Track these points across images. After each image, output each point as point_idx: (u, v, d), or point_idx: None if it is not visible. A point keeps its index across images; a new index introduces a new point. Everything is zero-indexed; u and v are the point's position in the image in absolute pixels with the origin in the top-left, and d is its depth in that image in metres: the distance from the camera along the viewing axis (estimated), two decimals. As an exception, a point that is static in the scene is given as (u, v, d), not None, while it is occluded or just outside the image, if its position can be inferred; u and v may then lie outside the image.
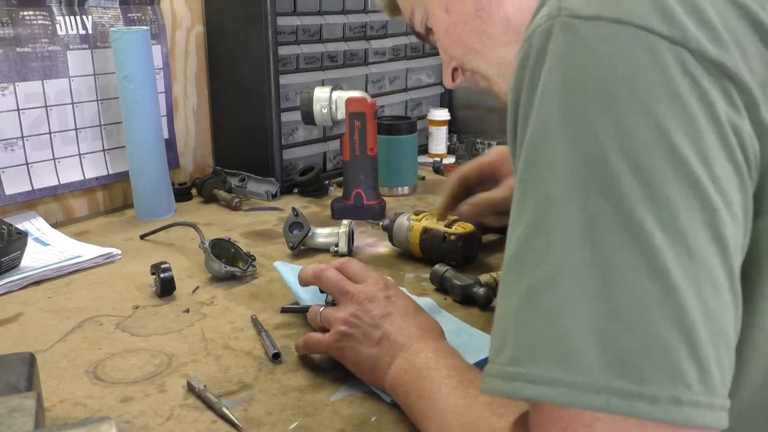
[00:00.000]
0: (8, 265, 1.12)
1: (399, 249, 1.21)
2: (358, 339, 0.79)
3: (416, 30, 0.86)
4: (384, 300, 0.81)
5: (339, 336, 0.81)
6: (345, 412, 0.77)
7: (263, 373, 0.85)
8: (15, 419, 0.56)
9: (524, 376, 0.46)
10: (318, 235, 1.23)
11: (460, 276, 1.04)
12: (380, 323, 0.79)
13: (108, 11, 1.46)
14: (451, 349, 0.76)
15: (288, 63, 1.55)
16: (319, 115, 1.39)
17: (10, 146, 1.33)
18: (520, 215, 0.49)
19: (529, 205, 0.48)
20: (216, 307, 1.03)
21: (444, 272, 1.05)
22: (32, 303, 1.05)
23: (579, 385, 0.44)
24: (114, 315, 1.01)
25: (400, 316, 0.80)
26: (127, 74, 1.36)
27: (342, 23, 1.65)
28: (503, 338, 0.49)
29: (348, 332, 0.80)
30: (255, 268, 1.13)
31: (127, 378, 0.84)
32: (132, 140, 1.40)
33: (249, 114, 1.57)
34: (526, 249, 0.48)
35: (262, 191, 1.53)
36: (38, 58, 1.35)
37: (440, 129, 1.84)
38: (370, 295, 0.82)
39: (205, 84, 1.66)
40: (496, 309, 0.52)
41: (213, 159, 1.70)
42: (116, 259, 1.21)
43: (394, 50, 1.80)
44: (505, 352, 0.48)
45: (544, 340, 0.46)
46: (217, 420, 0.75)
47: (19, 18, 1.32)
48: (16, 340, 0.94)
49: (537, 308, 0.46)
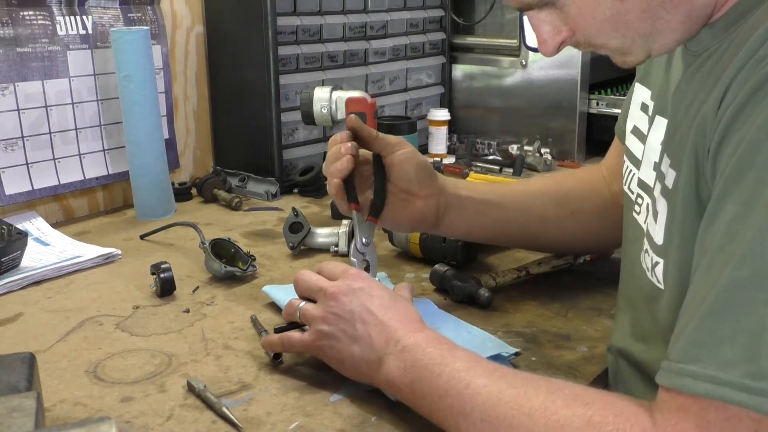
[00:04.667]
0: (8, 265, 1.12)
1: (399, 249, 1.21)
2: (337, 337, 0.79)
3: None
4: (359, 292, 0.80)
5: (318, 335, 0.80)
6: (345, 412, 0.77)
7: (263, 373, 0.85)
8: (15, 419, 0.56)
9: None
10: (318, 235, 1.23)
11: (460, 276, 1.04)
12: (357, 317, 0.78)
13: (108, 11, 1.46)
14: (440, 336, 0.76)
15: (288, 63, 1.55)
16: (319, 115, 1.39)
17: (10, 146, 1.33)
18: (743, 218, 0.53)
19: None
20: (216, 307, 1.03)
21: (444, 272, 1.05)
22: (32, 303, 1.05)
23: None
24: (114, 315, 1.01)
25: (378, 309, 0.78)
26: (127, 74, 1.36)
27: (342, 23, 1.65)
28: (744, 351, 0.52)
29: (327, 331, 0.79)
30: (255, 268, 1.13)
31: (127, 378, 0.84)
32: (132, 140, 1.40)
33: (249, 114, 1.57)
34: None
35: (262, 191, 1.53)
36: (38, 58, 1.35)
37: (440, 129, 1.84)
38: (344, 289, 0.80)
39: (205, 84, 1.66)
40: (710, 313, 0.55)
41: (213, 159, 1.70)
42: (116, 259, 1.21)
43: (394, 50, 1.80)
44: (750, 365, 0.52)
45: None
46: (217, 420, 0.75)
47: (19, 18, 1.32)
48: (16, 340, 0.94)
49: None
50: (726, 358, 0.53)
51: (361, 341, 0.77)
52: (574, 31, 0.69)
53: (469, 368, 0.69)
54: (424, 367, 0.71)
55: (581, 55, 1.69)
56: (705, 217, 0.59)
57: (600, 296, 1.04)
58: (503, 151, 1.84)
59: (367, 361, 0.77)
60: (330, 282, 0.82)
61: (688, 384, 0.54)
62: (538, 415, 0.61)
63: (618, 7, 0.65)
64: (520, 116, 1.84)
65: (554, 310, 1.01)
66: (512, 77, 1.84)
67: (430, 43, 1.89)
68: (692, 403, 0.54)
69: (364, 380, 0.79)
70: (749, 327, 0.52)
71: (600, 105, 1.75)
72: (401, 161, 0.96)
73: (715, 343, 0.53)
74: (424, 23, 1.87)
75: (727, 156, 0.57)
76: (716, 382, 0.53)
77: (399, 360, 0.74)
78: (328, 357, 0.81)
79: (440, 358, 0.71)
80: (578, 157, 1.77)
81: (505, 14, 1.88)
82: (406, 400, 0.74)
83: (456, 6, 1.94)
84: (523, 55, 1.80)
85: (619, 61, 0.72)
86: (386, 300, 0.80)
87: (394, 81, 1.81)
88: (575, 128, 1.75)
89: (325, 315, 0.80)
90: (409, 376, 0.72)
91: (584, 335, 0.94)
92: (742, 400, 0.51)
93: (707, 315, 0.54)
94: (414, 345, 0.74)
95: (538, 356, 0.88)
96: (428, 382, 0.70)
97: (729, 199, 0.56)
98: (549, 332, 0.94)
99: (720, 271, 0.54)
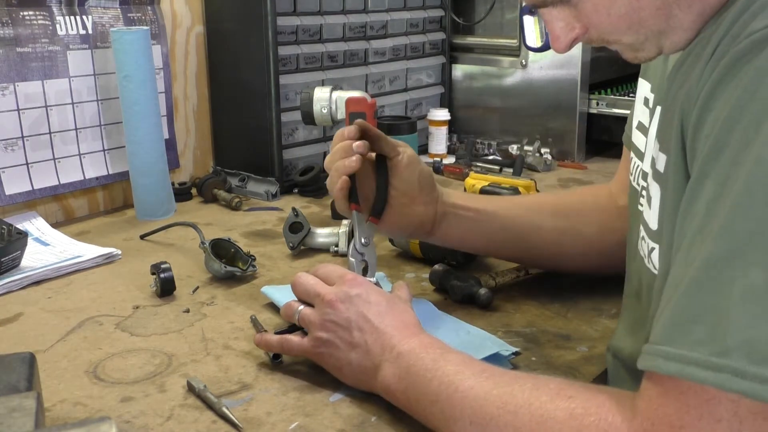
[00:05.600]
0: (8, 265, 1.12)
1: (399, 249, 1.21)
2: (335, 344, 0.79)
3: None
4: (356, 299, 0.80)
5: (317, 342, 0.80)
6: (345, 412, 0.77)
7: (263, 373, 0.85)
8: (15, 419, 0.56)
9: (734, 370, 0.49)
10: (318, 235, 1.23)
11: (460, 276, 1.04)
12: (355, 326, 0.78)
13: (108, 11, 1.46)
14: (435, 340, 0.76)
15: (288, 63, 1.55)
16: (319, 115, 1.39)
17: (10, 146, 1.33)
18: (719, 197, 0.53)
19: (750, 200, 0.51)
20: (216, 307, 1.03)
21: (444, 272, 1.05)
22: (32, 303, 1.05)
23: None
24: (114, 315, 1.01)
25: (375, 316, 0.79)
26: (128, 74, 1.36)
27: (342, 23, 1.65)
28: (712, 329, 0.51)
29: (325, 338, 0.80)
30: (255, 268, 1.13)
31: (127, 378, 0.84)
32: (132, 140, 1.40)
33: (249, 114, 1.57)
34: (747, 243, 0.51)
35: (262, 191, 1.53)
36: (38, 58, 1.35)
37: (440, 129, 1.84)
38: (341, 296, 0.80)
39: (205, 84, 1.66)
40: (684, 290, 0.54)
41: (213, 159, 1.70)
42: (116, 259, 1.21)
43: (394, 50, 1.80)
44: (716, 343, 0.51)
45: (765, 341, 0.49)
46: (217, 420, 0.75)
47: (19, 18, 1.32)
48: (16, 340, 0.94)
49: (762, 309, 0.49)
50: (697, 337, 0.52)
51: (359, 348, 0.78)
52: (588, 28, 0.69)
53: (458, 372, 0.69)
54: (416, 373, 0.72)
55: (581, 55, 1.70)
56: (684, 199, 0.59)
57: (600, 296, 1.04)
58: (503, 151, 1.84)
59: (365, 368, 0.77)
60: (327, 288, 0.82)
61: (660, 364, 0.54)
62: (523, 412, 0.62)
63: (633, 4, 0.65)
64: (520, 116, 1.84)
65: (554, 310, 1.01)
66: (512, 77, 1.84)
67: (430, 43, 1.89)
68: (672, 387, 0.53)
69: (362, 387, 0.79)
70: (717, 304, 0.52)
71: (600, 105, 1.75)
72: (406, 165, 0.95)
73: (688, 322, 0.53)
74: (424, 23, 1.87)
75: (704, 137, 0.57)
76: (683, 361, 0.52)
77: (394, 367, 0.74)
78: (327, 364, 0.81)
79: (432, 363, 0.72)
80: (578, 157, 1.77)
81: (505, 14, 1.89)
82: (402, 407, 0.74)
83: (456, 6, 1.94)
84: (523, 55, 1.80)
85: (630, 57, 0.72)
86: (383, 306, 0.80)
87: (394, 81, 1.81)
88: (575, 128, 1.75)
89: (323, 322, 0.80)
90: (404, 383, 0.73)
91: (584, 335, 0.94)
92: (707, 377, 0.51)
93: (683, 295, 0.54)
94: (408, 351, 0.74)
95: (538, 356, 0.88)
96: (421, 388, 0.71)
97: (707, 179, 0.55)
98: (549, 332, 0.94)
99: (697, 251, 0.54)
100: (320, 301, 0.81)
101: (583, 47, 1.65)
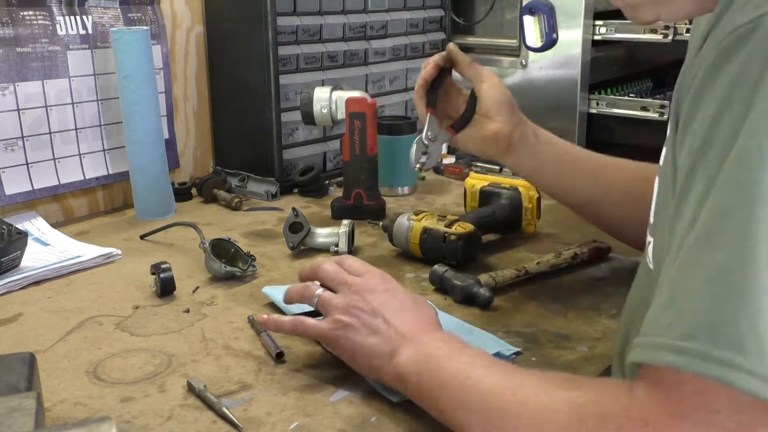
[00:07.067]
0: (8, 265, 1.12)
1: (399, 249, 1.21)
2: (355, 328, 0.79)
3: None
4: (383, 293, 0.82)
5: (336, 324, 0.81)
6: (345, 412, 0.77)
7: (263, 373, 0.85)
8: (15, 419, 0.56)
9: (699, 353, 0.50)
10: (318, 235, 1.23)
11: (460, 276, 1.04)
12: (379, 314, 0.79)
13: (108, 11, 1.46)
14: (455, 336, 0.78)
15: (288, 63, 1.55)
16: (319, 115, 1.39)
17: (10, 146, 1.33)
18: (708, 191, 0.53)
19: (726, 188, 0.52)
20: (216, 307, 1.03)
21: (444, 272, 1.05)
22: (32, 303, 1.05)
23: (760, 375, 0.49)
24: (114, 315, 1.01)
25: (400, 309, 0.80)
26: (127, 74, 1.36)
27: (342, 23, 1.65)
28: (678, 313, 0.52)
29: (346, 321, 0.80)
30: (255, 268, 1.13)
31: (127, 378, 0.84)
32: (132, 140, 1.40)
33: (249, 114, 1.57)
34: (719, 228, 0.52)
35: (262, 191, 1.53)
36: (38, 58, 1.35)
37: (440, 129, 1.83)
38: (369, 287, 0.82)
39: (205, 84, 1.66)
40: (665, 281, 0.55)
41: (213, 159, 1.70)
42: (116, 259, 1.21)
43: (394, 50, 1.80)
44: (679, 327, 0.52)
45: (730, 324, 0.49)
46: (217, 420, 0.75)
47: (19, 18, 1.32)
48: (16, 340, 0.94)
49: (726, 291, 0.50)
50: (666, 322, 0.54)
51: (379, 335, 0.78)
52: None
53: (471, 362, 0.71)
54: (432, 358, 0.73)
55: (581, 55, 1.69)
56: (676, 196, 0.59)
57: (600, 296, 1.04)
58: (503, 151, 1.84)
59: (380, 353, 0.77)
60: (356, 278, 0.84)
61: (638, 353, 0.56)
62: (530, 402, 0.63)
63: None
64: (520, 116, 1.83)
65: (554, 310, 1.01)
66: (512, 77, 1.84)
67: (430, 43, 1.89)
68: (666, 377, 0.54)
69: (372, 374, 0.80)
70: (688, 288, 0.53)
71: (600, 105, 1.75)
72: (487, 89, 1.06)
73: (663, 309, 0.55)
74: (424, 23, 1.87)
75: (693, 132, 0.57)
76: (652, 347, 0.54)
77: (411, 351, 0.75)
78: (341, 347, 0.81)
79: (449, 351, 0.73)
80: (578, 157, 1.77)
81: (505, 14, 1.88)
82: (411, 392, 0.75)
83: (456, 6, 1.94)
84: (523, 55, 1.80)
85: (629, 15, 0.72)
86: (408, 302, 0.82)
87: (394, 81, 1.81)
88: (575, 128, 1.75)
89: (347, 307, 0.81)
90: (418, 366, 0.74)
91: (584, 335, 0.94)
92: (674, 361, 0.52)
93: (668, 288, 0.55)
94: (428, 340, 0.76)
95: (538, 356, 0.88)
96: (434, 372, 0.72)
97: (695, 176, 0.56)
98: (549, 332, 0.94)
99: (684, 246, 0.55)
100: (347, 288, 0.83)
101: (583, 47, 1.65)
